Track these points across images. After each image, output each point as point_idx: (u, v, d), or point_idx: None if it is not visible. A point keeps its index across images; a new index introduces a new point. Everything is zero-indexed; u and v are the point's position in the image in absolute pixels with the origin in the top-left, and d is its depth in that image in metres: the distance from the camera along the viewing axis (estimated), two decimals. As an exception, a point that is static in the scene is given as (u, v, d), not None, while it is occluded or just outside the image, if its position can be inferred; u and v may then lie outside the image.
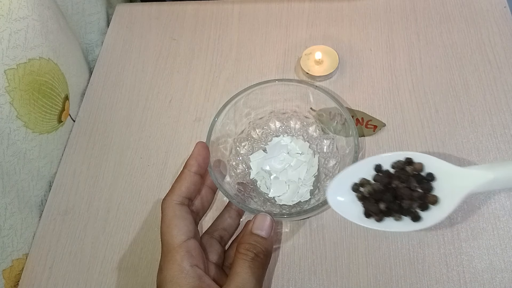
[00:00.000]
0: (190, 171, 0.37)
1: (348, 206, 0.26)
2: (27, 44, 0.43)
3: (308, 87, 0.43)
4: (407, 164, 0.24)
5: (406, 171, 0.24)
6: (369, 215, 0.25)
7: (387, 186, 0.24)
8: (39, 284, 0.44)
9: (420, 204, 0.23)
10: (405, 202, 0.23)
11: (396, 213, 0.24)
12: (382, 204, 0.24)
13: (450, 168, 0.23)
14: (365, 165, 0.26)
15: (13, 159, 0.42)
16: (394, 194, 0.23)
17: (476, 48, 0.53)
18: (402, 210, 0.23)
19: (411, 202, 0.23)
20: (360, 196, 0.26)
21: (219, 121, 0.42)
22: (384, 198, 0.24)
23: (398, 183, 0.23)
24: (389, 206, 0.24)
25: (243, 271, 0.33)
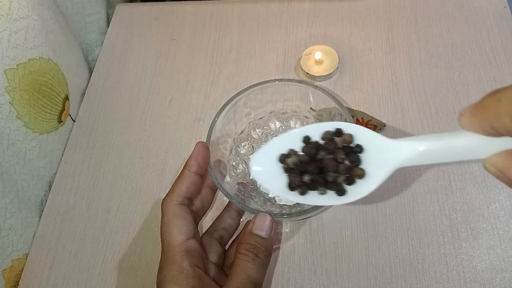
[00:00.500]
0: (190, 171, 0.37)
1: (273, 177, 0.25)
2: (27, 44, 0.43)
3: (308, 87, 0.43)
4: (336, 135, 0.23)
5: (334, 142, 0.22)
6: (293, 188, 0.24)
7: (313, 157, 0.23)
8: (39, 284, 0.44)
9: (346, 177, 0.22)
10: (330, 175, 0.22)
11: (321, 186, 0.23)
12: (307, 176, 0.23)
13: (380, 139, 0.21)
14: (295, 136, 0.24)
15: (13, 159, 0.42)
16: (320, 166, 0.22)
17: (476, 48, 0.53)
18: (327, 183, 0.22)
19: (336, 175, 0.22)
20: (286, 168, 0.24)
21: (219, 121, 0.42)
22: (309, 170, 0.22)
23: (324, 154, 0.22)
24: (313, 179, 0.23)
25: (243, 271, 0.33)
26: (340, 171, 0.22)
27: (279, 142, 0.25)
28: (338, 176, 0.22)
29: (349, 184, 0.22)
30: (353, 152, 0.22)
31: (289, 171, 0.24)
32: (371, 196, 0.44)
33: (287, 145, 0.25)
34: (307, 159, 0.23)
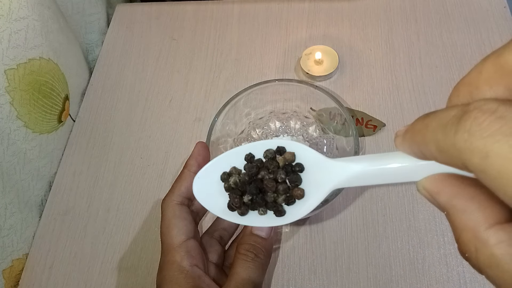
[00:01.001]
0: (190, 171, 0.37)
1: (214, 197, 0.24)
2: (27, 44, 0.43)
3: (308, 87, 0.43)
4: (278, 153, 0.22)
5: (276, 161, 0.22)
6: (232, 209, 0.23)
7: (253, 177, 0.22)
8: (39, 284, 0.44)
9: (286, 197, 0.21)
10: (269, 195, 0.21)
11: (261, 207, 0.22)
12: (247, 197, 0.22)
13: (320, 159, 0.21)
14: (239, 153, 0.24)
15: (13, 159, 0.42)
16: (260, 186, 0.22)
17: (476, 48, 0.53)
18: (267, 203, 0.22)
19: (275, 195, 0.21)
20: (226, 187, 0.23)
21: (219, 121, 0.42)
22: (249, 190, 0.22)
23: (265, 174, 0.22)
24: (253, 199, 0.22)
25: (243, 272, 0.33)
26: (280, 192, 0.22)
27: (223, 160, 0.25)
28: (277, 196, 0.22)
29: (288, 204, 0.22)
30: (293, 172, 0.21)
31: (230, 190, 0.23)
32: (371, 196, 0.44)
33: (230, 163, 0.24)
34: (246, 178, 0.23)
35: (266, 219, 0.22)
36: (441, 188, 0.15)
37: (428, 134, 0.14)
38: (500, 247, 0.13)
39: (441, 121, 0.13)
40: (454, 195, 0.14)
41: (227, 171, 0.24)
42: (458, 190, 0.14)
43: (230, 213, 0.23)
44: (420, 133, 0.14)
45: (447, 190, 0.15)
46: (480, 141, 0.12)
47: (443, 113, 0.13)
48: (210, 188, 0.24)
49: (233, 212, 0.23)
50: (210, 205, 0.25)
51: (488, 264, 0.13)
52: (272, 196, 0.21)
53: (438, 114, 0.14)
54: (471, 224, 0.14)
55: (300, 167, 0.21)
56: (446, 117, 0.13)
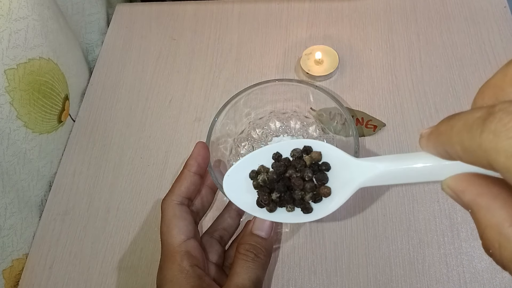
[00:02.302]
0: (190, 171, 0.37)
1: (244, 194, 0.25)
2: (27, 44, 0.43)
3: (308, 87, 0.43)
4: (305, 153, 0.23)
5: (303, 160, 0.23)
6: (261, 206, 0.24)
7: (281, 175, 0.23)
8: (39, 284, 0.44)
9: (313, 195, 0.22)
10: (297, 193, 0.22)
11: (289, 204, 0.23)
12: (275, 194, 0.23)
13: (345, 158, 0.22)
14: (267, 152, 0.25)
15: (13, 159, 0.42)
16: (288, 184, 0.23)
17: (476, 48, 0.53)
18: (294, 201, 0.23)
19: (303, 193, 0.22)
20: (255, 185, 0.24)
21: (219, 121, 0.42)
22: (277, 188, 0.23)
23: (292, 172, 0.23)
24: (281, 197, 0.23)
25: (243, 272, 0.33)
26: (307, 190, 0.22)
27: (251, 159, 0.26)
28: (304, 194, 0.22)
29: (316, 202, 0.23)
30: (320, 171, 0.22)
31: (258, 188, 0.24)
32: (371, 196, 0.44)
33: (258, 161, 0.25)
34: (274, 177, 0.23)
35: (294, 215, 0.23)
36: (466, 187, 0.15)
37: (454, 135, 0.14)
38: None
39: (467, 122, 0.13)
40: (479, 194, 0.15)
41: (256, 169, 0.25)
42: (483, 189, 0.15)
43: (259, 209, 0.24)
44: (445, 134, 0.15)
45: (471, 188, 0.15)
46: (505, 141, 0.12)
47: (468, 114, 0.14)
48: (240, 186, 0.25)
49: (262, 208, 0.24)
50: (239, 202, 0.25)
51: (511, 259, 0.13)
52: (299, 194, 0.22)
53: (463, 116, 0.14)
54: (495, 221, 0.14)
55: (327, 166, 0.22)
56: (471, 118, 0.13)
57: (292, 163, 0.23)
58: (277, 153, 0.24)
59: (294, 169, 0.22)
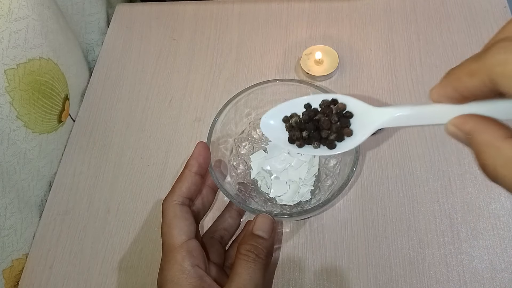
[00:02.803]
0: (191, 171, 0.37)
1: (277, 133, 0.30)
2: (27, 44, 0.43)
3: (309, 87, 0.43)
4: (332, 104, 0.28)
5: (330, 108, 0.27)
6: (293, 141, 0.29)
7: (312, 118, 0.28)
8: (39, 284, 0.44)
9: (337, 135, 0.27)
10: (324, 131, 0.27)
11: (316, 141, 0.28)
12: (305, 132, 0.28)
13: (366, 107, 0.26)
14: (298, 103, 0.30)
15: (13, 159, 0.42)
16: (317, 125, 0.27)
17: (476, 48, 0.53)
18: (321, 139, 0.27)
19: (329, 132, 0.27)
20: (287, 126, 0.29)
21: (219, 121, 0.42)
22: (307, 127, 0.28)
23: (321, 116, 0.27)
24: (310, 135, 0.28)
25: (244, 272, 0.33)
26: (333, 130, 0.27)
27: (285, 106, 0.30)
28: (330, 133, 0.27)
29: (339, 140, 0.27)
30: (344, 116, 0.27)
31: (290, 129, 0.29)
32: (371, 196, 0.44)
33: (291, 109, 0.30)
34: (306, 119, 0.28)
35: (320, 150, 0.28)
36: (467, 120, 0.20)
37: (461, 70, 0.19)
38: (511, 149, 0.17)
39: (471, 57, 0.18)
40: (477, 122, 0.19)
41: (288, 115, 0.30)
42: (480, 119, 0.19)
43: (290, 144, 0.29)
44: (453, 73, 0.19)
45: (472, 120, 0.19)
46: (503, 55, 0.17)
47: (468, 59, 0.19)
48: (274, 126, 0.30)
49: (293, 144, 0.29)
50: (274, 137, 0.30)
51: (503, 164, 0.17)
52: (326, 133, 0.27)
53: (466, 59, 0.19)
54: (490, 139, 0.18)
55: (350, 114, 0.26)
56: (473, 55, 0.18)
57: (321, 110, 0.28)
58: (308, 104, 0.29)
59: (323, 114, 0.27)
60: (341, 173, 0.42)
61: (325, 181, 0.44)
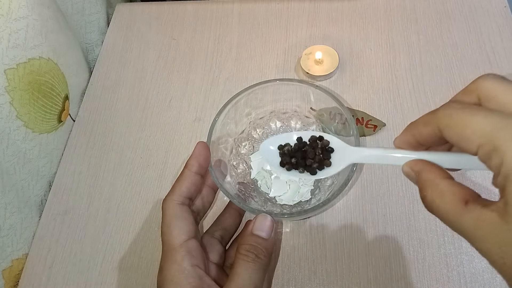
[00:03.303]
0: (191, 171, 0.37)
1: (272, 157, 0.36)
2: (27, 44, 0.43)
3: (309, 86, 0.43)
4: (318, 140, 0.34)
5: (317, 142, 0.34)
6: (283, 165, 0.35)
7: (300, 149, 0.34)
8: (39, 284, 0.44)
9: (318, 164, 0.33)
10: (309, 160, 0.33)
11: (302, 167, 0.34)
12: (294, 159, 0.34)
13: (345, 146, 0.33)
14: (291, 136, 0.36)
15: (13, 159, 0.42)
16: (304, 154, 0.33)
17: (476, 48, 0.53)
18: (306, 166, 0.33)
19: (312, 161, 0.33)
20: (281, 153, 0.35)
21: (219, 121, 0.42)
22: (296, 155, 0.34)
23: (308, 148, 0.33)
24: (297, 161, 0.34)
25: (243, 272, 0.33)
26: (316, 160, 0.33)
27: (283, 136, 0.37)
28: (313, 162, 0.33)
29: (319, 169, 0.33)
30: (326, 150, 0.33)
31: (283, 155, 0.35)
32: (371, 196, 0.44)
33: (285, 140, 0.36)
34: (296, 148, 0.34)
35: (303, 175, 0.34)
36: (418, 163, 0.25)
37: (419, 121, 0.24)
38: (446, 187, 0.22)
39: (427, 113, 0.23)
40: (425, 165, 0.24)
41: (282, 144, 0.36)
42: (427, 164, 0.24)
43: (280, 167, 0.35)
44: (413, 123, 0.24)
45: (421, 163, 0.25)
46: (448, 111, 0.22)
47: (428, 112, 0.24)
48: (271, 151, 0.36)
49: (282, 167, 0.35)
50: (268, 160, 0.36)
51: (438, 195, 0.22)
52: (310, 161, 0.33)
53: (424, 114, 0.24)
54: (432, 177, 0.23)
55: (331, 149, 0.33)
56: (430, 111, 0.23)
57: (309, 144, 0.34)
58: (300, 137, 0.35)
59: (310, 147, 0.33)
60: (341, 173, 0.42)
61: (325, 181, 0.44)
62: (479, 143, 0.20)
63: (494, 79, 0.22)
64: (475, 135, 0.20)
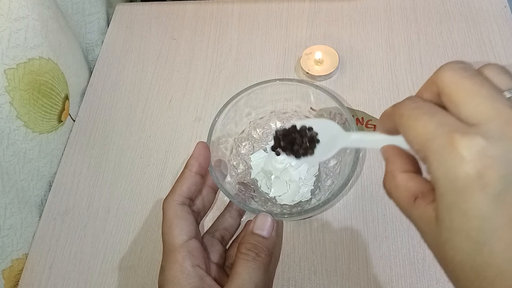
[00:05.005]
0: (191, 171, 0.37)
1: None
2: (27, 44, 0.43)
3: (309, 86, 0.43)
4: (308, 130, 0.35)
5: (305, 132, 0.35)
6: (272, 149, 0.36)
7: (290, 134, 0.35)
8: (39, 284, 0.44)
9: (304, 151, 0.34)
10: (295, 146, 0.34)
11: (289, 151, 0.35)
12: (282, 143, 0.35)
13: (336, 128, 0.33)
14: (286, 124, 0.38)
15: (13, 159, 0.42)
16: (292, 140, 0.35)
17: (476, 47, 0.53)
18: (293, 151, 0.35)
19: (298, 147, 0.34)
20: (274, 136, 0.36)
21: (219, 121, 0.42)
22: (285, 140, 0.35)
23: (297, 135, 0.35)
24: (285, 146, 0.35)
25: (244, 271, 0.33)
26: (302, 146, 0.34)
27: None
28: (299, 148, 0.34)
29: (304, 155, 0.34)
30: (313, 140, 0.34)
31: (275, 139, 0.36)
32: (371, 196, 0.44)
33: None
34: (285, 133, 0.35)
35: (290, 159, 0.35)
36: (388, 150, 0.26)
37: (384, 112, 0.25)
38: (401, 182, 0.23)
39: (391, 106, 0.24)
40: (391, 154, 0.25)
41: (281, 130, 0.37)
42: (394, 152, 0.25)
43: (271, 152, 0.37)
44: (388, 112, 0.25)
45: (390, 151, 0.25)
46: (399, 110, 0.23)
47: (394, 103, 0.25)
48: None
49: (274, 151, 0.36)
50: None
51: (393, 189, 0.24)
52: (296, 147, 0.34)
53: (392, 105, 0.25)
54: (393, 168, 0.24)
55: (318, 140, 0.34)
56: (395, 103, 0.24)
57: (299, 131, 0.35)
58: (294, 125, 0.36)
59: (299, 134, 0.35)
60: (341, 173, 0.42)
61: (325, 181, 0.44)
62: (417, 149, 0.21)
63: (453, 70, 0.22)
64: (415, 140, 0.21)
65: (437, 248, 0.21)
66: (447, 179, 0.19)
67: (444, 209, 0.19)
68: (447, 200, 0.19)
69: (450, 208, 0.19)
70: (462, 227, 0.19)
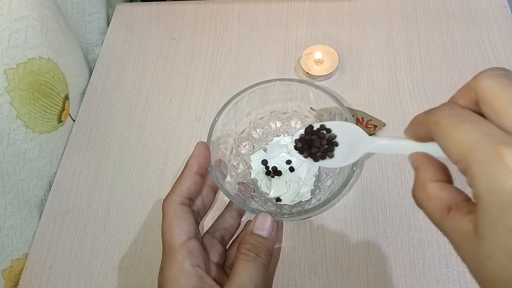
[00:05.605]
0: (191, 171, 0.37)
1: None
2: (27, 44, 0.43)
3: (309, 86, 0.43)
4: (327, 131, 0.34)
5: (324, 134, 0.34)
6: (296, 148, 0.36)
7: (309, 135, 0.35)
8: (39, 284, 0.44)
9: (322, 154, 0.34)
10: (313, 149, 0.34)
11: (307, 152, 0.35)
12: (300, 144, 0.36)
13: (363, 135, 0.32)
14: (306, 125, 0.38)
15: (13, 159, 0.42)
16: (310, 143, 0.35)
17: (476, 47, 0.53)
18: (311, 153, 0.35)
19: (317, 150, 0.34)
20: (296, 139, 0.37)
21: (219, 121, 0.42)
22: (303, 142, 0.35)
23: (315, 138, 0.34)
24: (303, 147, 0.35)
25: (244, 272, 0.33)
26: (320, 149, 0.34)
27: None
28: (317, 151, 0.34)
29: (322, 158, 0.34)
30: (331, 143, 0.34)
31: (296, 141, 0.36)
32: (371, 196, 0.44)
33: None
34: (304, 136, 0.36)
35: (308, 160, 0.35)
36: (418, 157, 0.25)
37: (416, 118, 0.24)
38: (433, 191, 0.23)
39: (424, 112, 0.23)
40: (422, 162, 0.24)
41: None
42: (424, 160, 0.24)
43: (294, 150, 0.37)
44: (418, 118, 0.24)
45: (420, 158, 0.25)
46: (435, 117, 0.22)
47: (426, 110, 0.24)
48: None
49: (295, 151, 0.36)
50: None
51: (424, 198, 0.23)
52: (314, 150, 0.34)
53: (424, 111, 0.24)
54: (423, 177, 0.23)
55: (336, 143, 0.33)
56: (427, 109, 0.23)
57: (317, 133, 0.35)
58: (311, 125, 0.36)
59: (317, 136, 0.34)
60: (341, 173, 0.42)
61: (325, 181, 0.44)
62: (456, 159, 0.20)
63: (494, 77, 0.20)
64: (454, 150, 0.20)
65: (475, 263, 0.20)
66: (492, 192, 0.18)
67: (488, 224, 0.18)
68: (492, 215, 0.18)
69: (494, 223, 0.18)
70: (508, 244, 0.18)
